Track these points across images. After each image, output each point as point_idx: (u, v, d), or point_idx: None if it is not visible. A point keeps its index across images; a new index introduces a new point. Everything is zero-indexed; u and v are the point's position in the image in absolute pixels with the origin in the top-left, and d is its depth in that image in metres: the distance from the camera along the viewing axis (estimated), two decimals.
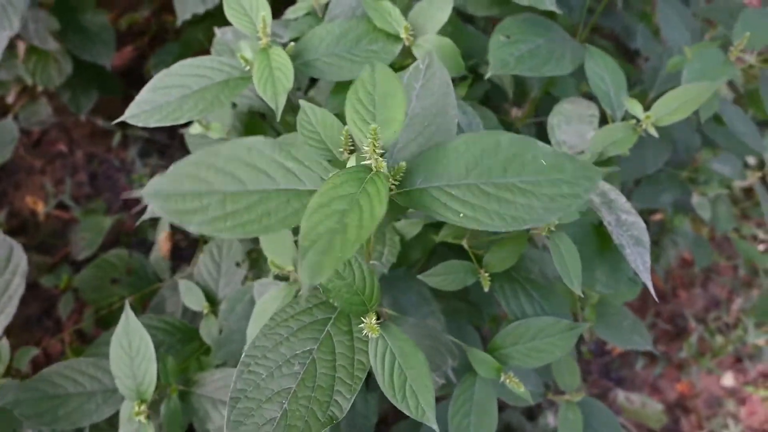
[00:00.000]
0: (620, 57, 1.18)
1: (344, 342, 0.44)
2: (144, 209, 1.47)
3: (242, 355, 0.43)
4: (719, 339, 1.61)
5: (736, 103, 1.13)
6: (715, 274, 1.71)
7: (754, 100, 1.15)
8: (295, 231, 0.39)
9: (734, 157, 1.25)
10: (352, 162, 0.43)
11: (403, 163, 0.40)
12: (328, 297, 0.43)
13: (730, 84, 1.30)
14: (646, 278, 0.54)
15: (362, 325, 0.44)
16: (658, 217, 1.60)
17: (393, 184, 0.40)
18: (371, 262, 0.61)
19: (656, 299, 0.56)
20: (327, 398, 0.42)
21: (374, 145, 0.38)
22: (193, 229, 0.37)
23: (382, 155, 0.38)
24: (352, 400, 0.42)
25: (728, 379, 1.56)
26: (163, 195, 0.38)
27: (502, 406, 1.22)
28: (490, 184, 0.39)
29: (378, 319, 0.45)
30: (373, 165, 0.38)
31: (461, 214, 0.38)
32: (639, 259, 0.53)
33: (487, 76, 0.68)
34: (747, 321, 1.62)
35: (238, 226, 0.37)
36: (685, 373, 1.56)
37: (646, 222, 0.61)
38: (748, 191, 1.79)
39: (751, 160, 1.79)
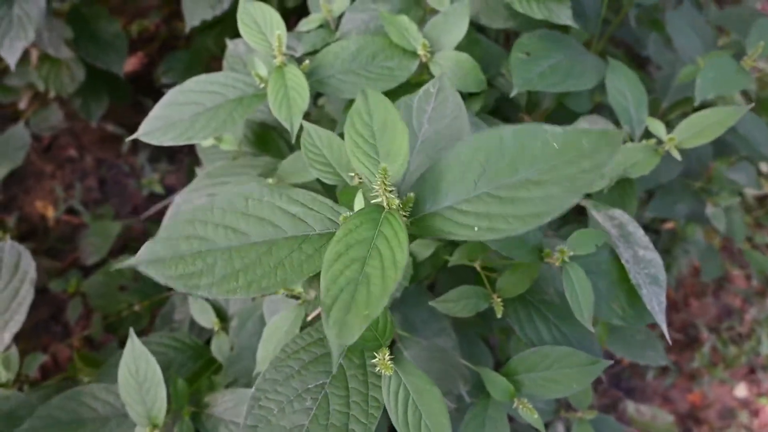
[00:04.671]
0: (632, 65, 1.17)
1: (357, 377, 0.42)
2: (153, 214, 1.47)
3: (252, 389, 0.41)
4: (732, 349, 1.58)
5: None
6: (727, 283, 1.69)
7: (767, 108, 1.13)
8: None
9: (749, 166, 1.23)
10: (359, 199, 0.41)
11: (412, 194, 0.38)
12: None
13: (744, 92, 1.28)
14: (661, 320, 0.53)
15: (375, 360, 0.42)
16: (670, 225, 1.59)
17: (404, 216, 0.38)
18: None
19: (669, 340, 0.54)
20: None
21: (385, 184, 0.36)
22: (203, 294, 0.34)
23: (391, 191, 0.36)
24: None
25: (741, 390, 1.54)
26: (160, 261, 0.35)
27: (510, 417, 1.21)
28: (502, 187, 0.36)
29: (391, 345, 0.44)
30: (384, 203, 0.36)
31: (476, 228, 0.35)
32: (655, 300, 0.52)
33: (513, 94, 0.67)
34: (761, 331, 1.60)
35: (253, 283, 0.35)
36: (697, 384, 1.54)
37: (658, 231, 0.59)
38: (762, 199, 1.76)
39: (765, 168, 1.76)
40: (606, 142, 0.34)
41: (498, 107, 0.96)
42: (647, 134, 0.72)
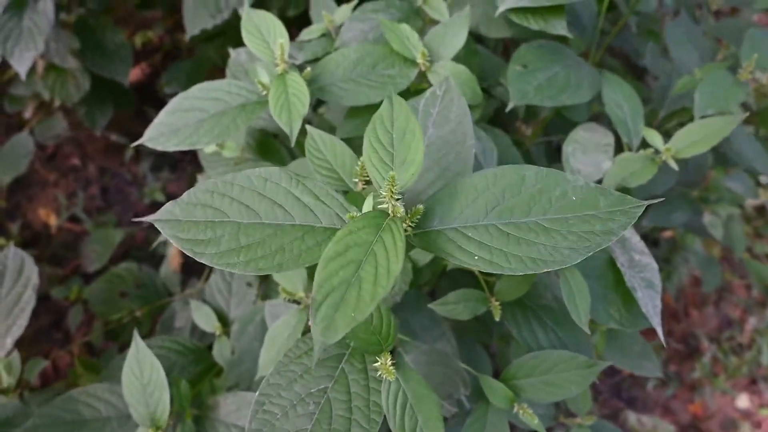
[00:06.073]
0: (630, 75, 1.19)
1: (359, 381, 0.43)
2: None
3: (257, 394, 0.42)
4: (733, 359, 1.58)
5: (748, 122, 1.13)
6: (727, 293, 1.69)
7: (765, 120, 1.14)
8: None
9: (746, 175, 1.24)
10: (368, 203, 0.42)
11: (421, 206, 0.39)
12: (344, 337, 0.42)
13: (742, 103, 1.29)
14: (656, 323, 0.53)
15: (377, 364, 0.42)
16: (669, 234, 1.59)
17: (409, 226, 0.39)
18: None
19: (664, 343, 0.55)
20: None
21: (392, 191, 0.36)
22: (206, 261, 0.36)
23: (398, 199, 0.37)
24: None
25: (743, 401, 1.53)
26: (175, 222, 0.38)
27: (511, 427, 1.20)
28: (512, 224, 0.37)
29: (392, 350, 0.44)
30: (390, 210, 0.37)
31: (476, 257, 0.36)
32: (650, 303, 0.53)
33: (509, 108, 0.68)
34: (761, 341, 1.59)
35: (251, 262, 0.36)
36: (699, 394, 1.53)
37: (657, 240, 0.60)
38: (761, 209, 1.77)
39: (764, 178, 1.77)
40: (623, 209, 0.35)
41: (497, 116, 0.97)
42: (645, 144, 0.73)
